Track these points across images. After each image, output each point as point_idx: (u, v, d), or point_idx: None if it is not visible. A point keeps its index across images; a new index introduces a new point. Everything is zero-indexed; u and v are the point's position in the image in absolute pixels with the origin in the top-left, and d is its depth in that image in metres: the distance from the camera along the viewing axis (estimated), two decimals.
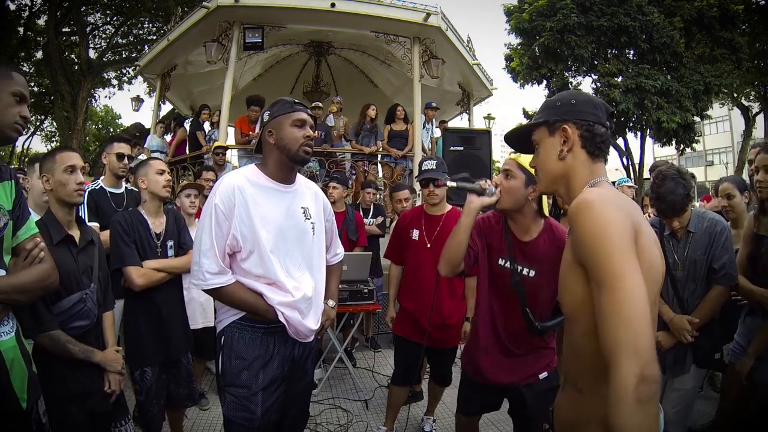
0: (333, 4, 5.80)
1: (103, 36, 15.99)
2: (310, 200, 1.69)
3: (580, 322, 0.97)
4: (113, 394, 1.70)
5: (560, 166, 1.09)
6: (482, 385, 1.90)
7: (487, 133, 4.90)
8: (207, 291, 1.53)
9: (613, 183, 1.67)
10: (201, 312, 2.87)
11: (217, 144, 5.36)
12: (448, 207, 2.63)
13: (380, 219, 4.52)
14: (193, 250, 1.53)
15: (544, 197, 1.76)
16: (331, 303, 1.85)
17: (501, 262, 1.81)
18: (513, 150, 1.78)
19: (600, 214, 0.91)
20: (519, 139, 1.23)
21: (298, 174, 1.71)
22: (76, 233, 1.73)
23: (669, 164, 2.26)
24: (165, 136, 7.29)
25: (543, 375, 1.81)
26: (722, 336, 2.16)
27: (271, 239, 1.51)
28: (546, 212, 1.79)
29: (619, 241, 0.88)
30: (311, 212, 1.67)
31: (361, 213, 4.44)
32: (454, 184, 1.79)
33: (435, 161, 2.49)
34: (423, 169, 2.48)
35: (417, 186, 5.00)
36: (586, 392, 0.98)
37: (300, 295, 1.56)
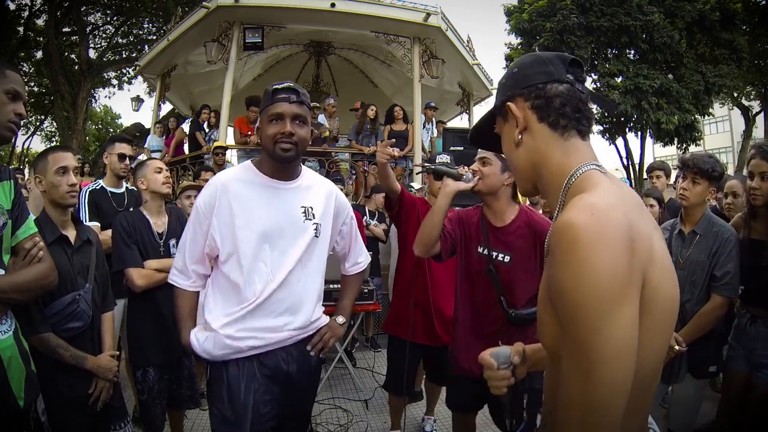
0: (333, 4, 5.81)
1: (103, 36, 16.01)
2: (317, 199, 1.53)
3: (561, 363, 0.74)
4: (99, 401, 1.65)
5: (522, 156, 0.84)
6: (465, 381, 1.90)
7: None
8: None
9: None
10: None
11: (216, 144, 5.37)
12: None
13: (383, 226, 4.49)
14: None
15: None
16: (340, 320, 1.63)
17: (480, 249, 1.84)
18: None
19: (588, 254, 0.62)
20: (487, 138, 0.97)
21: (307, 170, 1.58)
22: (71, 233, 1.71)
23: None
24: (162, 137, 7.31)
25: None
26: (719, 349, 2.13)
27: (253, 240, 1.38)
28: (520, 199, 1.87)
29: (609, 307, 0.61)
30: (316, 212, 1.50)
31: (368, 214, 4.50)
32: (431, 166, 1.88)
33: (449, 156, 2.49)
34: (438, 161, 2.46)
35: (416, 183, 4.99)
36: None
37: (265, 295, 1.40)
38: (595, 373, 0.62)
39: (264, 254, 1.40)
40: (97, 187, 2.64)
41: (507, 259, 1.78)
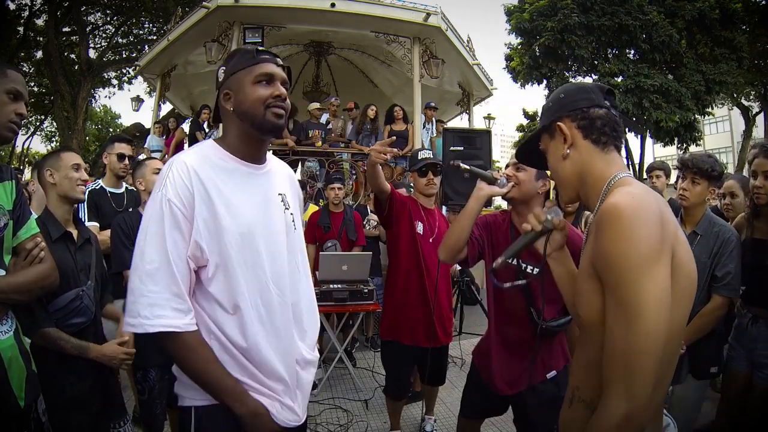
0: (333, 4, 5.81)
1: (103, 36, 16.04)
2: (285, 184, 1.28)
3: (599, 335, 0.87)
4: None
5: (568, 167, 1.00)
6: (488, 390, 1.87)
7: (487, 133, 4.90)
8: (151, 335, 1.00)
9: None
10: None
11: None
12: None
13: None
14: (131, 272, 1.03)
15: (551, 194, 1.75)
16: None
17: (508, 261, 1.78)
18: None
19: (630, 228, 0.79)
20: (531, 155, 1.15)
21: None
22: (73, 231, 1.73)
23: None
24: (162, 137, 7.32)
25: (551, 374, 1.76)
26: (720, 349, 2.13)
27: (245, 244, 1.09)
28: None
29: (647, 266, 0.77)
30: (289, 200, 1.26)
31: (369, 213, 4.50)
32: (467, 167, 1.79)
33: (430, 151, 2.50)
34: (420, 157, 2.45)
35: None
36: None
37: (275, 314, 1.12)
38: (637, 321, 0.77)
39: (260, 261, 1.11)
40: (97, 187, 2.64)
41: (536, 271, 1.70)
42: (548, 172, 1.67)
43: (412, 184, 4.72)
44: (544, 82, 14.44)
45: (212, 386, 1.04)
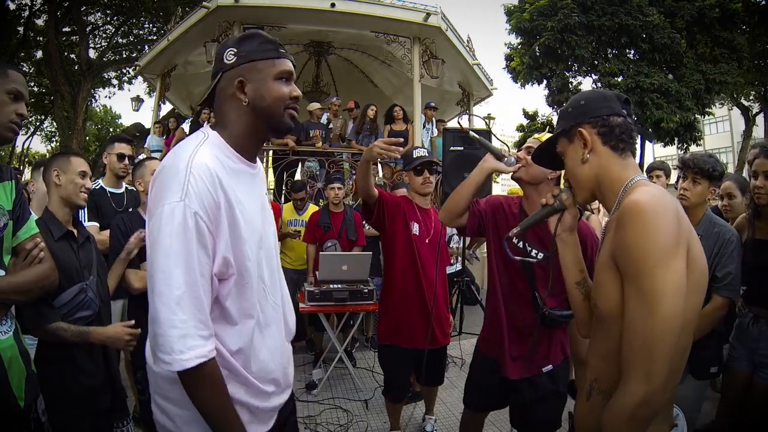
0: (333, 4, 5.80)
1: (103, 36, 16.05)
2: (264, 185, 1.23)
3: (617, 327, 0.92)
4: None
5: (587, 171, 1.06)
6: (490, 382, 1.87)
7: (487, 133, 4.92)
8: (180, 373, 0.89)
9: None
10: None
11: None
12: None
13: None
14: (156, 298, 0.89)
15: (562, 181, 1.75)
16: None
17: (515, 241, 1.78)
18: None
19: (651, 222, 0.85)
20: (548, 156, 1.20)
21: None
22: (74, 231, 1.75)
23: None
24: (162, 137, 7.32)
25: (547, 368, 1.77)
26: (720, 349, 2.13)
27: (256, 252, 1.04)
28: None
29: (666, 258, 0.84)
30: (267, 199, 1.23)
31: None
32: (476, 135, 1.83)
33: (426, 149, 2.48)
34: (416, 156, 2.43)
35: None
36: None
37: (270, 325, 1.10)
38: (657, 308, 0.83)
39: (261, 268, 1.07)
40: (97, 187, 2.65)
41: (541, 256, 1.72)
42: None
43: None
44: (544, 82, 14.46)
45: (218, 422, 0.94)
